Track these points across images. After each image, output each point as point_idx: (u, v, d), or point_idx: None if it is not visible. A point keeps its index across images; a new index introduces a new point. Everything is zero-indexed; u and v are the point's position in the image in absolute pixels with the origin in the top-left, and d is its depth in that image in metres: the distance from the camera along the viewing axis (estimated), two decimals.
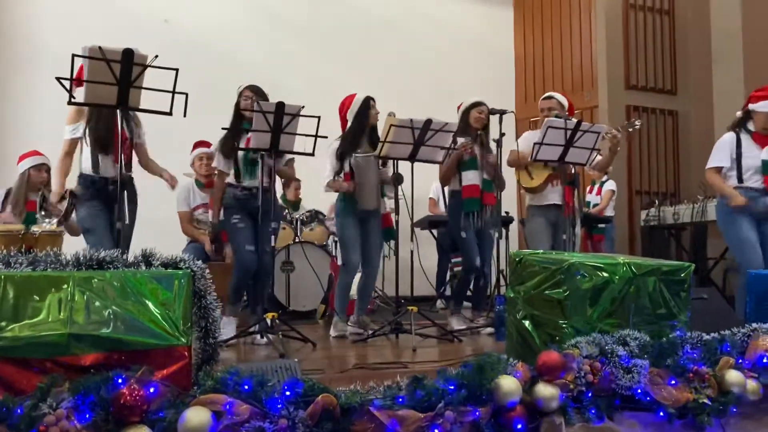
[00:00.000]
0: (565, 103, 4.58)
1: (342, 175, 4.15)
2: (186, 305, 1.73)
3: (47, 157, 4.70)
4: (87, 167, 3.69)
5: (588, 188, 6.73)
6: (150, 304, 1.68)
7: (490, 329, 4.25)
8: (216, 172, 4.22)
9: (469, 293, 4.86)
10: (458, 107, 4.65)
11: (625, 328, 2.23)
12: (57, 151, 3.89)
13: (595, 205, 6.51)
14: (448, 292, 6.74)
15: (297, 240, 5.83)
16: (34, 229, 4.26)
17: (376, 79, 7.10)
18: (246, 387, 1.60)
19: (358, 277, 4.63)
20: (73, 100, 3.05)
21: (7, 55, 6.22)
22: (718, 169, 4.16)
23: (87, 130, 3.64)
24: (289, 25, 7.30)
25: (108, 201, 3.67)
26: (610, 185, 6.57)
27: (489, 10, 8.42)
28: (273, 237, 3.91)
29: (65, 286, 1.62)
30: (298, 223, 6.05)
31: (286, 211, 5.99)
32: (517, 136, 4.51)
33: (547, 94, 4.69)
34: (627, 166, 7.41)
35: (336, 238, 6.34)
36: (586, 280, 2.21)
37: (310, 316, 5.52)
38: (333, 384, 2.28)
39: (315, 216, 6.10)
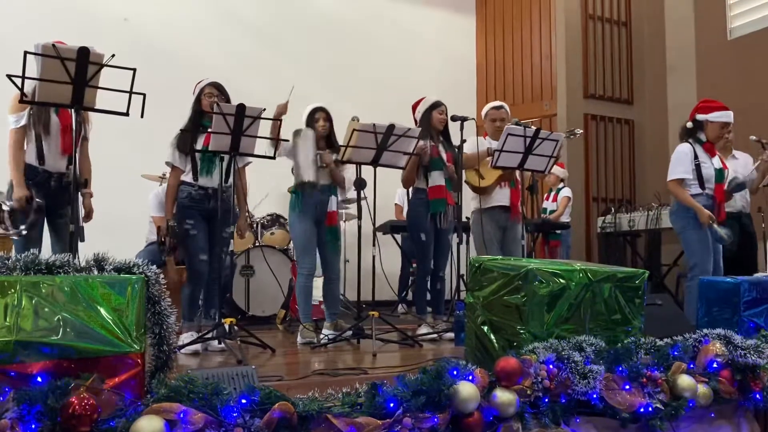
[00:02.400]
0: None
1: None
2: (139, 311, 1.69)
3: None
4: (31, 158, 3.51)
5: (545, 195, 6.84)
6: (102, 310, 1.63)
7: (450, 334, 4.27)
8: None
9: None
10: (413, 107, 4.65)
11: (581, 333, 2.26)
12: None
13: (552, 212, 6.63)
14: (409, 296, 6.78)
15: (257, 244, 5.77)
16: None
17: (339, 84, 7.12)
18: (201, 395, 1.57)
19: (319, 282, 4.61)
20: (25, 98, 2.96)
21: None
22: (681, 181, 4.23)
23: (31, 118, 3.48)
24: (251, 27, 7.24)
25: (49, 199, 3.51)
26: (566, 192, 6.69)
27: (451, 17, 8.50)
28: (230, 241, 3.86)
29: (12, 291, 1.56)
30: (259, 227, 5.99)
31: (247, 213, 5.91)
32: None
33: (497, 104, 4.77)
34: (584, 174, 7.56)
35: None
36: (543, 286, 2.24)
37: (270, 321, 5.46)
38: (291, 391, 2.26)
39: (276, 220, 6.05)
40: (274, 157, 3.78)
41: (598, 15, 7.86)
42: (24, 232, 3.45)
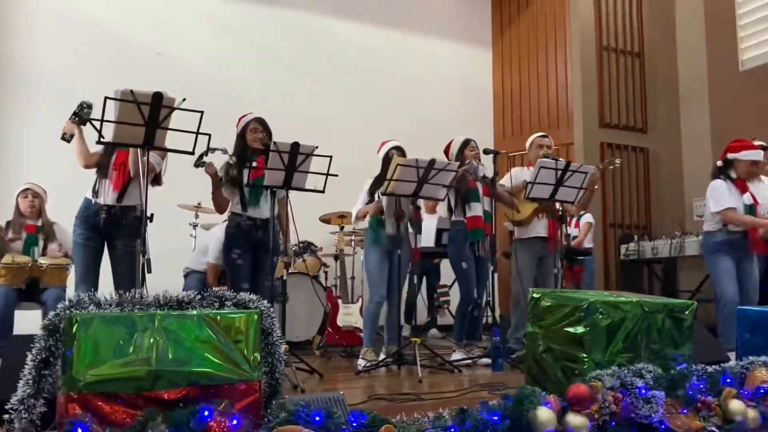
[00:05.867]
0: None
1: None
2: (256, 342, 1.87)
3: (37, 184, 4.72)
4: (88, 193, 3.79)
5: (567, 221, 7.00)
6: (225, 342, 1.81)
7: (486, 360, 4.42)
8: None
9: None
10: (445, 150, 4.86)
11: (637, 361, 2.43)
12: (51, 179, 3.91)
13: (574, 238, 6.78)
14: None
15: (290, 271, 5.93)
16: (42, 261, 4.32)
17: (361, 115, 7.37)
18: (317, 419, 1.73)
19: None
20: (102, 140, 3.16)
21: (0, 85, 6.23)
22: (731, 208, 4.40)
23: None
24: (279, 60, 7.47)
25: (98, 231, 3.73)
26: (588, 218, 6.85)
27: (469, 50, 8.76)
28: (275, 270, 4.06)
29: (150, 325, 1.74)
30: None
31: (281, 240, 6.08)
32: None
33: (542, 133, 5.00)
34: (602, 201, 7.75)
35: (326, 269, 6.49)
36: (604, 317, 2.42)
37: (303, 346, 5.60)
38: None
39: (307, 247, 6.21)
40: (323, 191, 3.96)
41: (612, 46, 8.09)
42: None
